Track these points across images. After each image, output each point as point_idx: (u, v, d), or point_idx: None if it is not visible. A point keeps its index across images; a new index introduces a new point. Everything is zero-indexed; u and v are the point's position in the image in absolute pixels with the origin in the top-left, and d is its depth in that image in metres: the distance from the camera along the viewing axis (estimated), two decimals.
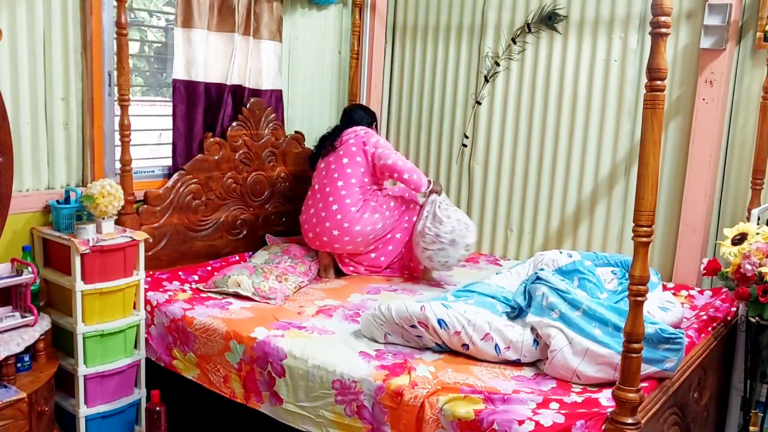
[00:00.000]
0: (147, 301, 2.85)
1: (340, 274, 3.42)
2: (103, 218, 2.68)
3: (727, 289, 3.05)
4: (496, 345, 2.36)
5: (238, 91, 3.45)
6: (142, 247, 2.76)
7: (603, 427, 1.89)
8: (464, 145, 3.98)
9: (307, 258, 3.34)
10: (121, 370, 2.73)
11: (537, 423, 1.94)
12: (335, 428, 2.32)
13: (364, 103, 4.15)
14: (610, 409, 1.90)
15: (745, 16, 3.13)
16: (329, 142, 3.43)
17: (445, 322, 2.38)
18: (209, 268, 3.27)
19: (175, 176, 3.22)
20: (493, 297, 2.55)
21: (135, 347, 2.81)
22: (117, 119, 2.91)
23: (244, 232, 3.56)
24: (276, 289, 2.99)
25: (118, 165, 2.94)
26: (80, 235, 2.60)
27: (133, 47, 3.39)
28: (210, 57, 3.30)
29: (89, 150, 2.94)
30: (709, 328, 2.66)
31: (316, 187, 3.39)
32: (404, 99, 4.20)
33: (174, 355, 2.79)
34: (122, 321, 2.71)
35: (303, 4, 3.84)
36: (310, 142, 3.86)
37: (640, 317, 1.82)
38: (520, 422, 1.95)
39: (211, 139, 3.33)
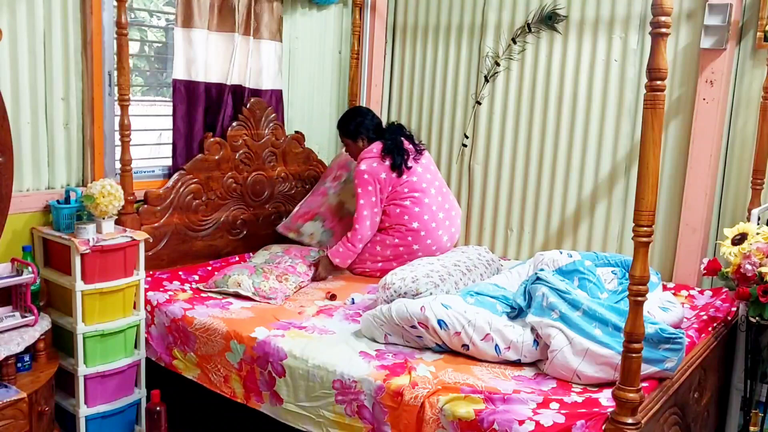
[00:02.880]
0: (147, 301, 2.85)
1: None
2: (104, 218, 2.68)
3: (727, 289, 3.05)
4: (497, 345, 2.36)
5: (238, 91, 3.45)
6: (142, 247, 2.77)
7: (603, 427, 1.89)
8: (464, 145, 3.98)
9: (307, 258, 3.34)
10: (121, 370, 2.73)
11: (537, 423, 1.94)
12: (335, 428, 2.32)
13: (364, 103, 4.16)
14: (610, 409, 1.91)
15: (746, 16, 3.13)
16: (414, 146, 3.42)
17: (445, 323, 2.38)
18: (209, 268, 3.27)
19: (175, 176, 3.22)
20: (493, 297, 2.55)
21: (135, 347, 2.81)
22: (117, 119, 2.91)
23: (245, 232, 3.55)
24: (276, 289, 2.99)
25: (118, 165, 2.94)
26: (80, 235, 2.60)
27: (133, 47, 3.39)
28: (210, 57, 3.30)
29: (89, 150, 2.94)
30: (709, 328, 2.66)
31: (432, 192, 3.39)
32: (404, 99, 4.20)
33: (174, 355, 2.79)
34: (122, 321, 2.71)
35: (303, 4, 3.84)
36: (311, 142, 3.87)
37: (640, 317, 1.82)
38: (521, 422, 1.95)
39: (212, 139, 3.33)
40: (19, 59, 2.67)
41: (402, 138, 3.41)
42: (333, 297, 3.01)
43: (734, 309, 2.85)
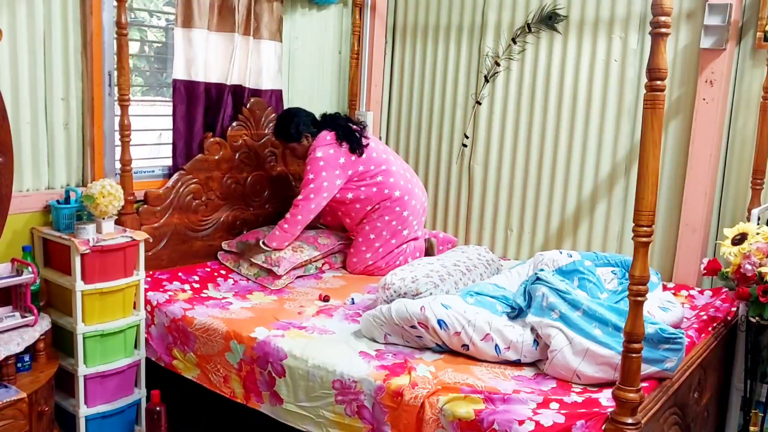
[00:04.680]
0: (147, 301, 2.85)
1: None
2: (103, 218, 2.68)
3: (727, 289, 3.05)
4: (496, 345, 2.36)
5: (238, 90, 3.45)
6: (142, 247, 2.77)
7: (603, 427, 1.89)
8: (464, 145, 3.98)
9: (334, 236, 3.49)
10: (121, 370, 2.73)
11: (537, 423, 1.94)
12: (335, 428, 2.32)
13: (363, 103, 4.16)
14: (610, 409, 1.91)
15: (745, 16, 3.13)
16: (356, 125, 3.43)
17: (445, 323, 2.38)
18: (208, 269, 3.27)
19: (175, 176, 3.22)
20: (493, 297, 2.55)
21: (135, 347, 2.81)
22: (117, 119, 2.91)
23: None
24: (284, 258, 3.16)
25: (118, 165, 2.94)
26: (80, 235, 2.60)
27: (133, 47, 3.39)
28: (210, 57, 3.30)
29: (89, 150, 2.94)
30: (709, 328, 2.66)
31: (392, 159, 3.46)
32: (404, 99, 4.20)
33: (174, 355, 2.79)
34: (122, 321, 2.71)
35: (303, 4, 3.84)
36: None
37: (640, 317, 1.82)
38: (521, 422, 1.95)
39: (212, 139, 3.33)
40: (19, 59, 2.67)
41: (347, 123, 3.42)
42: (327, 298, 3.02)
43: (734, 309, 2.85)
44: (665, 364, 2.15)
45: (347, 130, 3.34)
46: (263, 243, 3.23)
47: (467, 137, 3.96)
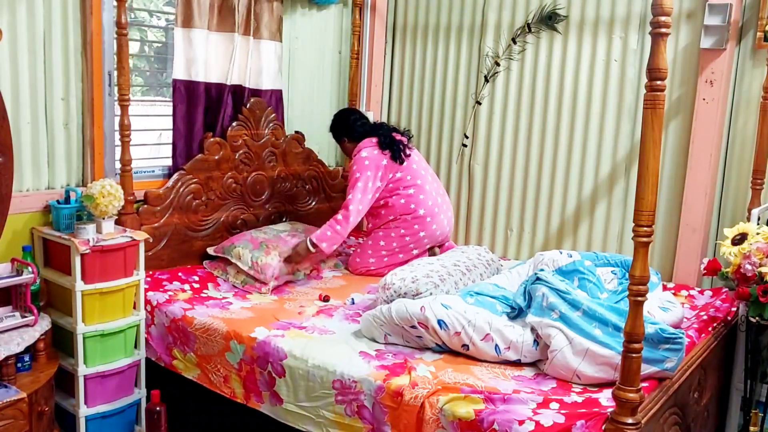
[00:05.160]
0: (147, 301, 2.85)
1: None
2: (104, 218, 2.68)
3: (727, 289, 3.05)
4: (497, 345, 2.36)
5: (238, 91, 3.45)
6: (142, 247, 2.77)
7: (603, 427, 1.89)
8: (464, 145, 3.98)
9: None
10: (121, 370, 2.73)
11: (537, 423, 1.94)
12: (335, 428, 2.32)
13: (364, 103, 4.16)
14: (610, 409, 1.91)
15: (746, 16, 3.13)
16: (402, 134, 3.48)
17: (445, 323, 2.38)
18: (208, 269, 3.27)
19: (175, 176, 3.21)
20: (493, 297, 2.55)
21: (135, 347, 2.81)
22: (117, 119, 2.91)
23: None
24: (270, 266, 3.08)
25: (118, 165, 2.94)
26: (80, 235, 2.60)
27: (133, 47, 3.39)
28: (210, 57, 3.30)
29: (89, 150, 2.94)
30: (710, 328, 2.66)
31: (429, 179, 3.50)
32: (404, 99, 4.20)
33: (174, 355, 2.79)
34: (122, 321, 2.71)
35: (303, 4, 3.84)
36: (310, 142, 3.87)
37: (640, 317, 1.82)
38: (521, 422, 1.95)
39: (212, 139, 3.33)
40: (19, 59, 2.67)
41: (391, 132, 3.46)
42: (327, 298, 3.01)
43: (734, 309, 2.85)
44: (665, 364, 2.15)
45: (390, 139, 3.39)
46: (310, 241, 3.15)
47: (467, 137, 3.96)
